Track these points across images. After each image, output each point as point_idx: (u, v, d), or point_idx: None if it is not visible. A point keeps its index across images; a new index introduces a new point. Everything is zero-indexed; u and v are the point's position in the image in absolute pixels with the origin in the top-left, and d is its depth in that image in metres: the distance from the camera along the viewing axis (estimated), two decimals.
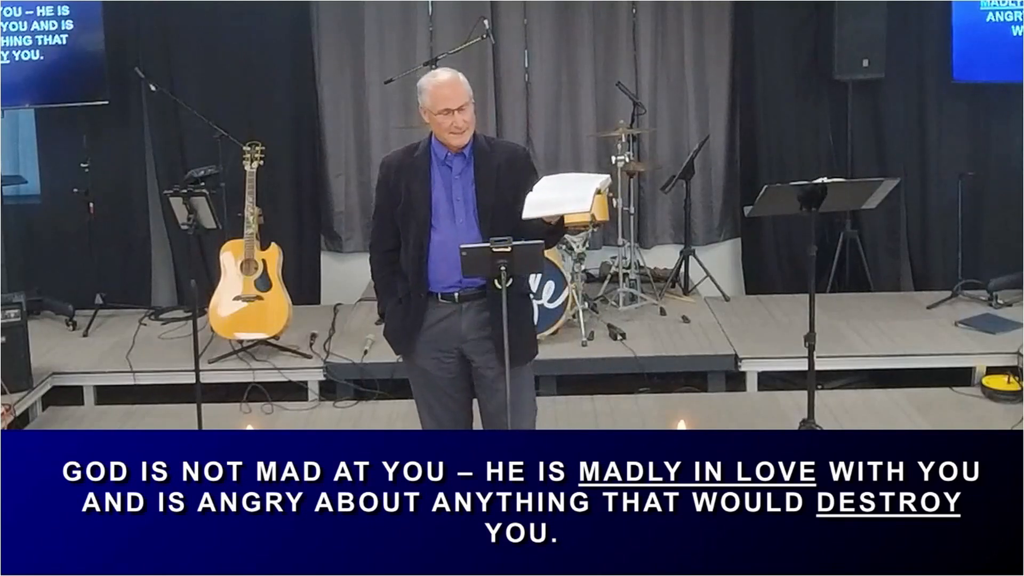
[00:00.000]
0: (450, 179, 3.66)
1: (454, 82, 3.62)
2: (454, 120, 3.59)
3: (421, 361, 3.76)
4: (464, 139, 3.64)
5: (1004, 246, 6.79)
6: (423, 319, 3.69)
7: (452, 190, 3.65)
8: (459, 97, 3.59)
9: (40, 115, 7.02)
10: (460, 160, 3.66)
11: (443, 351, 3.71)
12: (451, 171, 3.66)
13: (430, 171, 3.66)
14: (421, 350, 3.73)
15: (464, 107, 3.60)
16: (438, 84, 3.62)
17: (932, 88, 7.06)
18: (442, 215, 3.64)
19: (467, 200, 3.65)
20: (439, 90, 3.60)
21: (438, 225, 3.64)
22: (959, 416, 5.33)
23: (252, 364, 5.86)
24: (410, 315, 3.70)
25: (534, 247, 3.55)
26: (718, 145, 7.33)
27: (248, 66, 7.09)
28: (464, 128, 3.62)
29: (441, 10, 7.20)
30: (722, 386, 5.89)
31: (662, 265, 7.23)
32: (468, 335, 3.68)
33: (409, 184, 3.66)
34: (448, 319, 3.67)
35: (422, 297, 3.68)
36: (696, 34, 7.27)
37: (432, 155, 3.68)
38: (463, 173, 3.66)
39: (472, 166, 3.65)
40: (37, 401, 5.66)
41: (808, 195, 4.43)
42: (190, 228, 5.08)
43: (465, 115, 3.60)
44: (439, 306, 3.68)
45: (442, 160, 3.67)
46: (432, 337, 3.70)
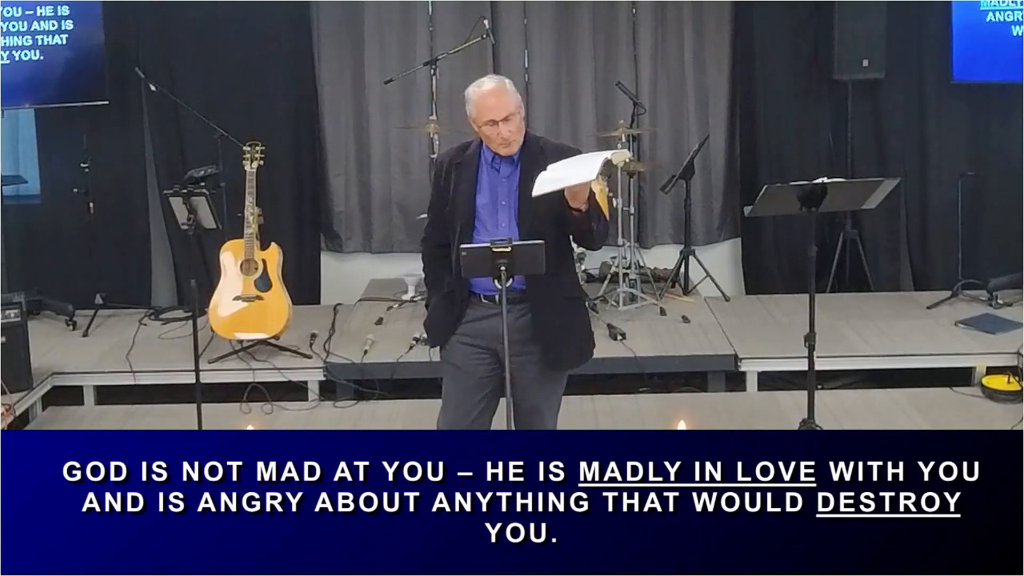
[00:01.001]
0: (498, 181, 3.63)
1: (499, 91, 3.57)
2: (499, 131, 3.55)
3: (454, 356, 3.75)
4: (512, 149, 3.60)
5: (1004, 246, 6.79)
6: (464, 315, 3.70)
7: (498, 193, 3.63)
8: (504, 107, 3.54)
9: (40, 115, 7.02)
10: (508, 163, 3.63)
11: (479, 348, 3.70)
12: (499, 174, 3.64)
13: (478, 172, 3.64)
14: (456, 344, 3.73)
15: (510, 117, 3.54)
16: (483, 94, 3.57)
17: (932, 88, 7.06)
18: (486, 218, 3.63)
19: (511, 204, 3.62)
20: (484, 100, 3.55)
21: (481, 228, 3.63)
22: (959, 416, 5.33)
23: (252, 364, 5.86)
24: (452, 311, 3.71)
25: (535, 247, 3.54)
26: (718, 145, 7.33)
27: (248, 66, 7.09)
28: (510, 139, 3.57)
29: (441, 10, 7.20)
30: (722, 386, 5.89)
31: (662, 265, 7.23)
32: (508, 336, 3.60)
33: (457, 184, 3.66)
34: (489, 319, 3.65)
35: (465, 296, 3.68)
36: (696, 34, 7.27)
37: (482, 156, 3.66)
38: (510, 177, 3.63)
39: (519, 170, 3.61)
40: (37, 401, 5.66)
41: (808, 195, 4.43)
42: (190, 228, 5.08)
43: (511, 125, 3.55)
44: (481, 306, 3.67)
45: (490, 162, 3.65)
46: (470, 332, 3.70)
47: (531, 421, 3.74)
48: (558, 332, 3.65)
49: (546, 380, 3.70)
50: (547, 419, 3.77)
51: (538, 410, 3.74)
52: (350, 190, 7.40)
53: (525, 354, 3.66)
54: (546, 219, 3.57)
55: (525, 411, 3.76)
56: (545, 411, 3.76)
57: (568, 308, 3.71)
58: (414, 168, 7.26)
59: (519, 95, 3.62)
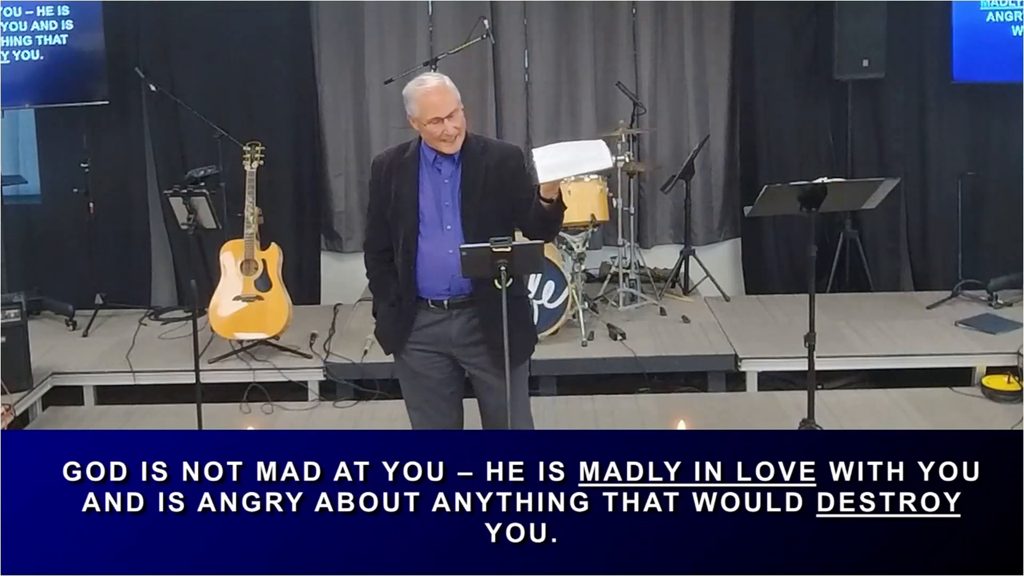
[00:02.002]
0: (440, 182, 3.59)
1: (441, 89, 3.51)
2: (444, 128, 3.51)
3: (411, 362, 3.72)
4: (455, 146, 3.56)
5: (1004, 246, 6.79)
6: (413, 322, 3.66)
7: (441, 195, 3.58)
8: (447, 104, 3.50)
9: (40, 115, 7.02)
10: (450, 163, 3.59)
11: (433, 353, 3.68)
12: (440, 174, 3.59)
13: (419, 174, 3.59)
14: (412, 351, 3.70)
15: (454, 114, 3.51)
16: (425, 92, 3.51)
17: (932, 88, 7.06)
18: (431, 221, 3.59)
19: (455, 204, 3.58)
20: (427, 98, 3.50)
21: (426, 232, 3.59)
22: (959, 416, 5.33)
23: (252, 364, 5.86)
24: (400, 319, 3.67)
25: (534, 247, 3.55)
26: (718, 145, 7.33)
27: (248, 66, 7.09)
28: (455, 135, 3.53)
29: (441, 10, 7.20)
30: (722, 386, 5.89)
31: (662, 265, 7.24)
32: (458, 340, 3.65)
33: (399, 187, 3.60)
34: (439, 324, 3.64)
35: (412, 302, 3.64)
36: (696, 34, 7.27)
37: (421, 157, 3.61)
38: (452, 176, 3.59)
39: (460, 169, 3.58)
40: (37, 401, 5.66)
41: (808, 195, 4.43)
42: (190, 228, 5.08)
43: (455, 121, 3.52)
44: (429, 311, 3.64)
45: (431, 163, 3.60)
46: (422, 339, 3.68)
47: (499, 420, 3.69)
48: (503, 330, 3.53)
49: (501, 378, 3.59)
50: (515, 417, 3.67)
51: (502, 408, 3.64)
52: (350, 190, 7.40)
53: (478, 355, 3.65)
54: (491, 219, 3.55)
55: (492, 411, 3.74)
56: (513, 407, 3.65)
57: (514, 308, 3.59)
58: None
59: (458, 93, 3.56)
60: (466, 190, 3.56)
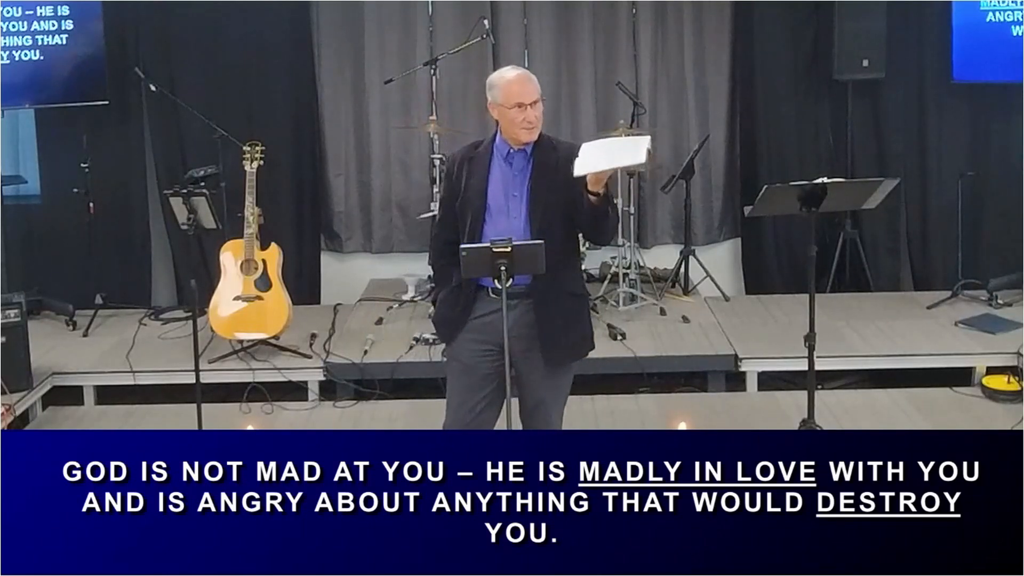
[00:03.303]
0: (510, 175, 3.71)
1: (527, 77, 3.67)
2: (527, 115, 3.62)
3: (461, 351, 3.79)
4: (534, 135, 3.67)
5: (1004, 246, 6.79)
6: (471, 311, 3.74)
7: (510, 186, 3.70)
8: (532, 92, 3.64)
9: (40, 115, 7.01)
10: (521, 157, 3.70)
11: (486, 344, 3.73)
12: (511, 167, 3.71)
13: (490, 166, 3.72)
14: (464, 341, 3.77)
15: (536, 103, 3.64)
16: (511, 79, 3.65)
17: (932, 88, 7.06)
18: (497, 210, 3.69)
19: (523, 196, 3.68)
20: (511, 85, 3.64)
21: (492, 220, 3.69)
22: (959, 416, 5.33)
23: (252, 364, 5.86)
24: (459, 305, 3.75)
25: (534, 247, 3.57)
26: (718, 145, 7.33)
27: (248, 66, 7.09)
28: (535, 124, 3.65)
29: (441, 10, 7.20)
30: (722, 386, 5.89)
31: (662, 265, 7.23)
32: (512, 332, 3.65)
33: (469, 178, 3.73)
34: (496, 314, 3.66)
35: (472, 289, 3.72)
36: (696, 34, 7.27)
37: (495, 151, 3.73)
38: (523, 170, 3.70)
39: (532, 163, 3.69)
40: (37, 401, 5.65)
41: (808, 195, 4.43)
42: (190, 228, 5.07)
43: (537, 111, 3.64)
44: (488, 300, 3.71)
45: (504, 156, 3.72)
46: (477, 328, 3.74)
47: (535, 415, 3.79)
48: (559, 328, 3.69)
49: (550, 375, 3.73)
50: (552, 414, 3.80)
51: (543, 404, 3.78)
52: (350, 190, 7.40)
53: (530, 350, 3.70)
54: (556, 212, 3.64)
55: (531, 405, 3.81)
56: (551, 405, 3.79)
57: (571, 304, 3.74)
58: (414, 168, 7.26)
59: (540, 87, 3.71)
60: (535, 182, 3.67)
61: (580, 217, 3.64)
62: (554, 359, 3.70)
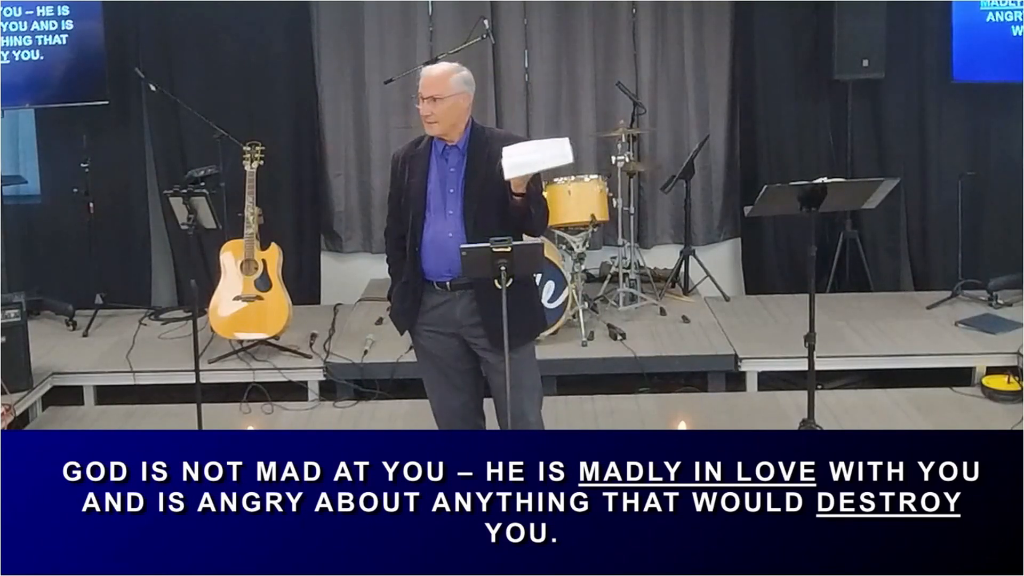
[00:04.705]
0: (446, 171, 3.78)
1: (433, 72, 3.75)
2: (423, 107, 3.72)
3: (423, 342, 3.91)
4: (432, 130, 3.74)
5: (1004, 246, 6.79)
6: (421, 303, 3.84)
7: (447, 183, 3.77)
8: (429, 87, 3.70)
9: (40, 115, 7.01)
10: (456, 153, 3.78)
11: (442, 334, 3.85)
12: (447, 163, 3.79)
13: (429, 164, 3.80)
14: (422, 332, 3.89)
15: (435, 99, 3.68)
16: (424, 70, 3.79)
17: (932, 88, 7.05)
18: (435, 207, 3.78)
19: (458, 191, 3.77)
20: (422, 74, 3.77)
21: (431, 217, 3.79)
22: (959, 416, 5.33)
23: (252, 364, 5.86)
24: (408, 299, 3.85)
25: (534, 247, 3.60)
26: (718, 145, 7.32)
27: (248, 66, 7.08)
28: (428, 118, 3.71)
29: (441, 10, 7.20)
30: (722, 386, 5.88)
31: (662, 265, 7.23)
32: (463, 321, 3.80)
33: (411, 176, 3.83)
34: (444, 305, 3.82)
35: (420, 283, 3.83)
36: (696, 34, 7.26)
37: (433, 148, 3.81)
38: (459, 165, 3.77)
39: (466, 158, 3.76)
40: (37, 401, 5.65)
41: (808, 195, 4.43)
42: (190, 228, 5.07)
43: (434, 107, 3.69)
44: (435, 292, 3.82)
45: (440, 152, 3.80)
46: (431, 320, 3.86)
47: (501, 399, 3.85)
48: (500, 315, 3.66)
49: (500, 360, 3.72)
50: (521, 397, 3.84)
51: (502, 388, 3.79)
52: (350, 190, 7.40)
53: (478, 337, 3.81)
54: (490, 205, 3.72)
55: (496, 391, 3.88)
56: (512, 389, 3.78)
57: (513, 291, 3.69)
58: None
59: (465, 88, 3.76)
60: (469, 178, 3.74)
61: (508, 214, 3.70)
62: (499, 344, 3.70)
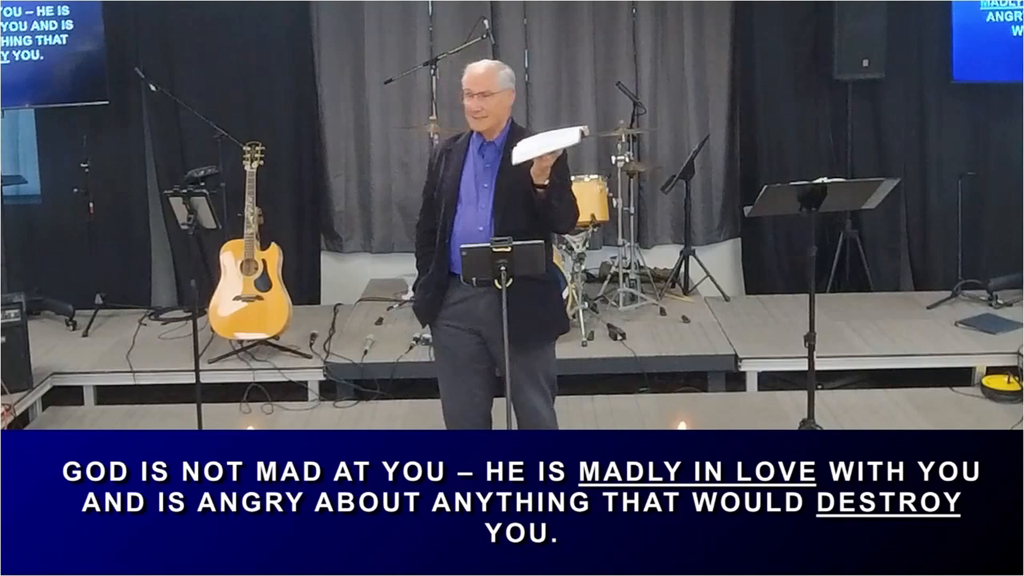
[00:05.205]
0: (482, 166, 3.83)
1: (480, 68, 3.85)
2: (471, 103, 3.79)
3: (443, 338, 3.93)
4: (480, 125, 3.81)
5: (1004, 246, 6.79)
6: (445, 297, 3.86)
7: (481, 177, 3.82)
8: (479, 83, 3.79)
9: (40, 115, 7.01)
10: (492, 149, 3.84)
11: (463, 329, 3.85)
12: (483, 159, 3.84)
13: (465, 158, 3.86)
14: (442, 327, 3.91)
15: (484, 94, 3.77)
16: (469, 67, 3.87)
17: (932, 88, 7.06)
18: (467, 201, 3.82)
19: (491, 187, 3.80)
20: (467, 73, 3.86)
21: (462, 210, 3.81)
22: (959, 416, 5.33)
23: (252, 364, 5.86)
24: (431, 292, 3.88)
25: (534, 247, 3.61)
26: (718, 145, 7.32)
27: (248, 66, 7.09)
28: (478, 113, 3.78)
29: (441, 10, 7.20)
30: (722, 386, 5.89)
31: (662, 265, 7.23)
32: (485, 318, 3.79)
33: (446, 169, 3.88)
34: (467, 301, 3.83)
35: (445, 276, 3.85)
36: (696, 34, 7.26)
37: (471, 144, 3.88)
38: (494, 161, 3.82)
39: (502, 156, 3.80)
40: (37, 401, 5.65)
41: (808, 195, 4.43)
42: (190, 228, 5.07)
43: (484, 102, 3.77)
44: (460, 287, 3.83)
45: (478, 148, 3.86)
46: (453, 315, 3.87)
47: (517, 399, 3.88)
48: (526, 312, 3.72)
49: (521, 357, 3.78)
50: (530, 395, 3.88)
51: (519, 386, 3.84)
52: (350, 190, 7.40)
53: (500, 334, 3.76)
54: (519, 203, 3.74)
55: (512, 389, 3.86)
56: (528, 388, 3.86)
57: (538, 290, 3.80)
58: (414, 168, 7.25)
59: (510, 85, 3.88)
60: (502, 174, 3.77)
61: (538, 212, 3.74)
62: (521, 341, 3.74)
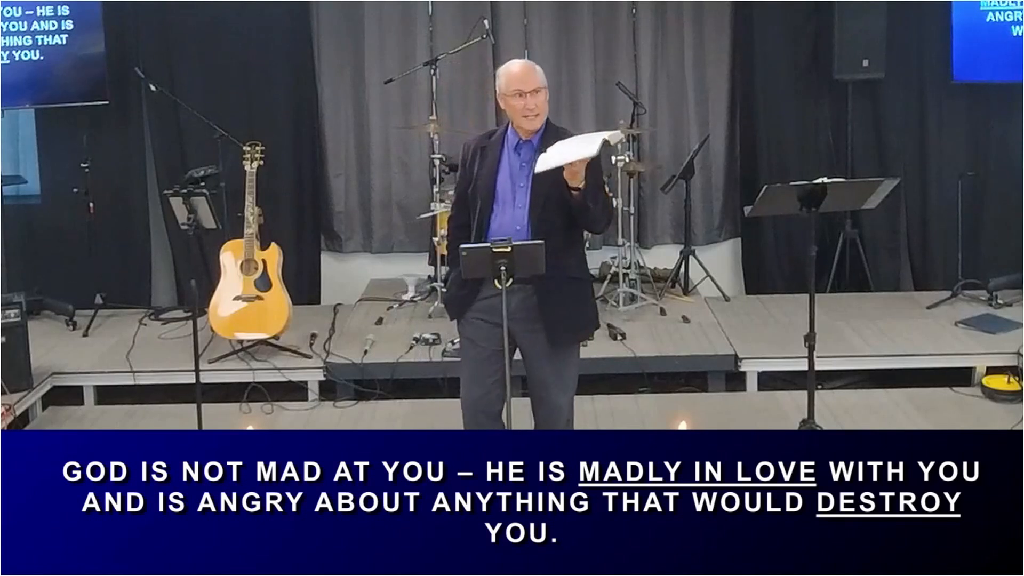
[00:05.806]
0: (518, 165, 3.82)
1: (528, 66, 3.81)
2: (526, 103, 3.75)
3: (469, 331, 3.94)
4: (536, 123, 3.80)
5: (1004, 246, 6.79)
6: (477, 292, 3.86)
7: (517, 176, 3.82)
8: (531, 81, 3.75)
9: (40, 115, 7.01)
10: (529, 148, 3.82)
11: (489, 323, 3.85)
12: (519, 157, 3.83)
13: (500, 156, 3.85)
14: (472, 320, 3.91)
15: (537, 91, 3.75)
16: (512, 67, 3.81)
17: (932, 88, 7.06)
18: (504, 199, 3.82)
19: (527, 186, 3.80)
20: (512, 73, 3.79)
21: (498, 209, 3.82)
22: (959, 416, 5.33)
23: (252, 364, 5.86)
24: (467, 287, 3.87)
25: (534, 247, 3.62)
26: (718, 145, 7.33)
27: (248, 66, 7.09)
28: (535, 111, 3.77)
29: (441, 10, 7.20)
30: (722, 386, 5.88)
31: (662, 265, 7.23)
32: (516, 314, 3.79)
33: (481, 167, 3.87)
34: (499, 296, 3.76)
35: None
36: (696, 34, 7.27)
37: (506, 141, 3.86)
38: (530, 160, 3.79)
39: (537, 154, 3.76)
40: (37, 401, 5.65)
41: (808, 195, 4.43)
42: (190, 228, 5.08)
43: (537, 99, 3.76)
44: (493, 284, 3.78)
45: (514, 147, 3.85)
46: (482, 308, 3.87)
47: (539, 394, 3.92)
48: (560, 311, 3.80)
49: (552, 356, 3.85)
50: (554, 393, 3.90)
51: (547, 386, 3.89)
52: (350, 190, 7.40)
53: (532, 331, 3.83)
54: (556, 202, 3.75)
55: (536, 387, 3.95)
56: (553, 387, 3.90)
57: (573, 288, 3.86)
58: (414, 168, 7.26)
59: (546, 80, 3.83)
60: (539, 172, 3.73)
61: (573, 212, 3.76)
62: (556, 339, 3.81)
